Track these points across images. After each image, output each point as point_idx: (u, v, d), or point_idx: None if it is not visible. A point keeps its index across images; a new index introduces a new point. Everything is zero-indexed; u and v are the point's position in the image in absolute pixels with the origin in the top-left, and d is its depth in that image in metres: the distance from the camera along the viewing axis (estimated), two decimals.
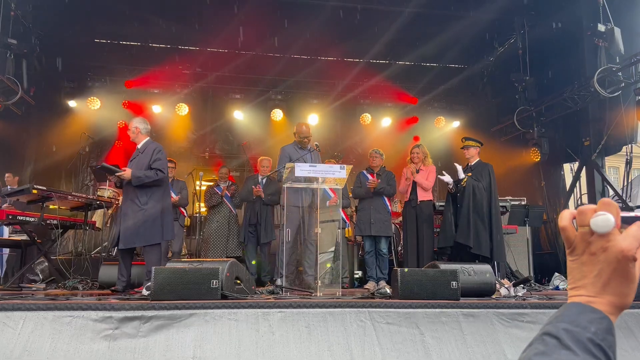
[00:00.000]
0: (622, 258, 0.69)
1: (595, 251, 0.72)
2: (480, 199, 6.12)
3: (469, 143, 6.54)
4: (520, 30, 9.31)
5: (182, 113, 10.71)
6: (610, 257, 0.70)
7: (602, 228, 0.70)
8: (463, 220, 6.06)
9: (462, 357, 3.35)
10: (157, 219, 5.14)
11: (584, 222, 0.72)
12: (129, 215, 5.13)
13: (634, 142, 7.55)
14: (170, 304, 3.28)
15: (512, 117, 9.40)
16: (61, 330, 3.12)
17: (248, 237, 7.22)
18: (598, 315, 0.69)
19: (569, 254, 0.75)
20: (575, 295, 0.73)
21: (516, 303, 3.77)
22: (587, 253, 0.73)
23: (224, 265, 3.84)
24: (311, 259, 5.68)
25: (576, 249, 0.74)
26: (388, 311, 3.48)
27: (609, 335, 0.68)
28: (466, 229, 6.00)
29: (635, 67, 7.24)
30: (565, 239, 0.75)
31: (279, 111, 11.09)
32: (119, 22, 9.28)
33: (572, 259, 0.75)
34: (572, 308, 0.72)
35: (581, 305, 0.71)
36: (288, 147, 6.15)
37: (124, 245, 5.06)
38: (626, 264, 0.70)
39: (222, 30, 8.98)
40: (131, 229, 5.06)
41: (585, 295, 0.72)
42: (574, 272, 0.74)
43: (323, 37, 9.36)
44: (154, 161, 5.19)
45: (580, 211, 0.73)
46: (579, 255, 0.74)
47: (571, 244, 0.75)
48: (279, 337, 3.25)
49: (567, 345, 0.66)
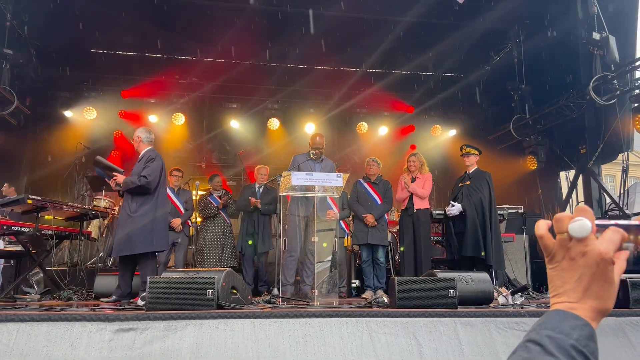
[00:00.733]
0: (600, 261, 0.71)
1: (574, 256, 0.73)
2: (482, 210, 6.23)
3: (470, 150, 6.58)
4: (515, 39, 9.35)
5: (179, 123, 10.71)
6: (589, 261, 0.72)
7: (580, 233, 0.71)
8: (473, 234, 6.13)
9: None
10: (146, 227, 5.09)
11: (561, 229, 0.74)
12: (121, 223, 5.15)
13: (630, 150, 7.57)
14: (165, 314, 3.24)
15: (509, 125, 9.42)
16: (55, 341, 3.08)
17: (246, 247, 7.18)
18: (580, 322, 0.71)
19: (549, 261, 0.77)
20: (558, 302, 0.75)
21: (514, 311, 3.74)
22: (566, 259, 0.74)
23: (219, 274, 3.81)
24: (308, 268, 5.66)
25: (555, 255, 0.76)
26: (385, 320, 3.45)
27: (591, 342, 0.70)
28: (475, 240, 6.09)
29: (631, 75, 7.27)
30: (544, 247, 0.77)
31: (275, 120, 11.09)
32: (115, 32, 9.28)
33: (551, 266, 0.76)
34: (554, 315, 0.73)
35: (563, 312, 0.73)
36: (299, 156, 6.13)
37: (115, 253, 5.08)
38: (605, 268, 0.71)
39: (218, 39, 9.01)
40: (122, 238, 5.04)
41: (567, 301, 0.73)
42: (555, 279, 0.76)
43: (319, 47, 9.38)
44: (144, 168, 5.19)
45: (557, 218, 0.75)
46: (559, 262, 0.75)
47: (550, 251, 0.76)
48: (276, 347, 3.21)
49: (551, 351, 0.67)
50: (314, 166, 5.96)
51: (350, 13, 8.44)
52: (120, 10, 8.37)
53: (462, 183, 6.56)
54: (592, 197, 8.09)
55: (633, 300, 4.03)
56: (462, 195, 6.40)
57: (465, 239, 6.16)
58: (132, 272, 5.29)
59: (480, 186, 6.34)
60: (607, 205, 8.02)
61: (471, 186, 6.41)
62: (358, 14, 8.50)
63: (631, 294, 4.04)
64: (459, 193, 6.47)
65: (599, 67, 7.47)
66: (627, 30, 7.49)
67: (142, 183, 5.10)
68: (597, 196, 8.10)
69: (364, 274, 6.72)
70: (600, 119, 7.98)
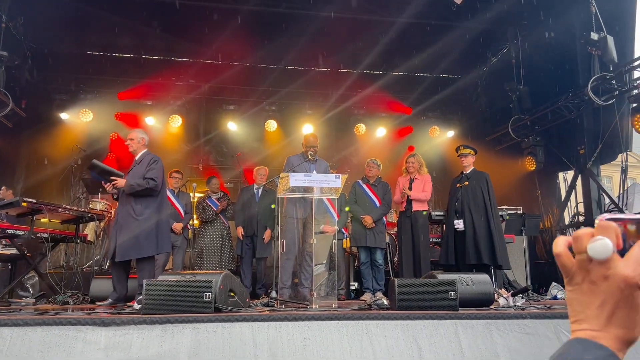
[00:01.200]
0: (625, 287, 0.63)
1: (595, 279, 0.65)
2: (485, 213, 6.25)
3: (467, 151, 6.56)
4: (513, 40, 9.33)
5: (176, 125, 10.65)
6: (612, 286, 0.64)
7: (601, 254, 0.63)
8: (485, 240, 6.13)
9: None
10: (152, 230, 5.08)
11: (580, 249, 0.66)
12: (125, 226, 5.07)
13: (629, 150, 7.54)
14: (162, 318, 3.19)
15: (507, 126, 9.39)
16: (50, 346, 3.02)
17: (244, 250, 7.13)
18: (604, 352, 0.63)
19: (567, 283, 0.68)
20: (579, 329, 0.67)
21: (516, 313, 3.70)
22: (587, 282, 0.66)
23: (217, 277, 3.76)
24: (307, 270, 5.60)
25: (574, 277, 0.67)
26: (385, 323, 3.40)
27: None
28: (489, 248, 6.08)
29: (629, 75, 7.25)
30: (562, 266, 0.69)
31: (273, 122, 11.04)
32: (111, 33, 9.24)
33: (571, 288, 0.68)
34: (576, 345, 0.65)
35: (586, 341, 0.65)
36: (293, 157, 6.07)
37: (120, 257, 4.98)
38: (630, 293, 0.63)
39: (215, 41, 8.97)
40: (128, 241, 4.99)
41: (589, 329, 0.65)
42: (575, 303, 0.68)
43: (316, 48, 9.35)
44: (148, 170, 5.15)
45: (575, 237, 0.67)
46: (579, 284, 0.67)
47: (568, 272, 0.68)
48: (274, 352, 3.16)
49: None
50: (308, 167, 5.90)
51: (346, 14, 8.41)
52: (116, 12, 8.32)
53: (459, 184, 6.52)
54: (591, 197, 8.06)
55: None
56: (462, 197, 6.37)
57: (476, 245, 6.09)
58: (127, 275, 5.24)
59: (480, 187, 6.33)
60: (606, 206, 7.99)
61: (470, 187, 6.38)
62: (354, 14, 8.46)
63: None
64: (458, 194, 6.43)
65: (597, 67, 7.45)
66: (626, 30, 7.47)
67: (150, 185, 5.09)
68: (596, 197, 8.07)
69: (363, 276, 6.68)
70: (599, 119, 7.96)
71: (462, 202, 6.33)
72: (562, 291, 6.56)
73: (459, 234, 6.28)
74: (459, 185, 6.52)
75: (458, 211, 6.35)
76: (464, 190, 6.40)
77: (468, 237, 6.14)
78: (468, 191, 6.36)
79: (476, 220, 6.18)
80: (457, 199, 6.40)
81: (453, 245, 6.32)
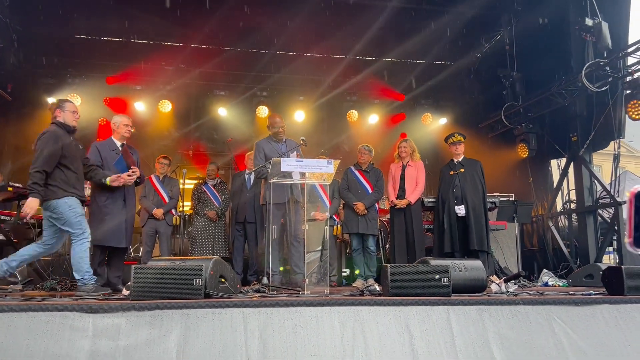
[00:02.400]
0: None
1: None
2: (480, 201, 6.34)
3: (461, 138, 6.62)
4: (507, 26, 9.28)
5: (165, 110, 10.52)
6: None
7: None
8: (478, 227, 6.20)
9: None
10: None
11: None
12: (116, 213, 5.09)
13: (621, 137, 7.53)
14: (151, 304, 3.13)
15: (500, 113, 9.37)
16: (37, 333, 2.95)
17: (235, 236, 7.06)
18: None
19: None
20: None
21: (509, 299, 3.68)
22: None
23: (207, 263, 3.69)
24: (298, 257, 5.55)
25: None
26: (377, 309, 3.36)
27: None
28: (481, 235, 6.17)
29: (623, 61, 7.22)
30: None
31: (264, 108, 10.95)
32: (100, 17, 9.07)
33: None
34: None
35: None
36: (262, 141, 5.95)
37: (128, 243, 5.31)
38: None
39: (205, 25, 8.83)
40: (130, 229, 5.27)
41: None
42: None
43: (308, 33, 9.24)
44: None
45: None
46: None
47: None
48: (265, 339, 3.12)
49: None
50: (279, 148, 5.82)
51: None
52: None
53: (454, 171, 6.50)
54: (583, 184, 8.06)
55: (628, 287, 3.98)
56: (460, 183, 6.36)
57: (471, 232, 6.17)
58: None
59: (476, 174, 6.38)
60: (598, 193, 7.99)
61: (466, 174, 6.39)
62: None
63: (626, 281, 4.00)
64: (455, 181, 6.41)
65: (592, 53, 7.42)
66: (620, 15, 7.41)
67: None
68: (588, 184, 8.07)
69: (355, 263, 6.65)
70: (592, 106, 7.95)
71: (462, 189, 6.33)
72: (553, 278, 6.58)
73: (460, 220, 6.31)
74: (452, 173, 6.49)
75: (458, 197, 6.35)
76: (461, 176, 6.40)
77: (471, 223, 6.19)
78: (466, 177, 6.38)
79: (477, 207, 6.25)
80: (456, 186, 6.39)
81: (449, 232, 6.32)
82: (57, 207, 4.40)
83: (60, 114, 4.71)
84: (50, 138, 4.48)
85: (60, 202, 4.41)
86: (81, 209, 4.56)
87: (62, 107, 4.72)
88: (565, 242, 8.58)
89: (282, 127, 5.91)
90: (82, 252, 4.44)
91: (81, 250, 4.44)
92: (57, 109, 4.73)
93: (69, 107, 4.75)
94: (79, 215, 4.48)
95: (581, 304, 3.62)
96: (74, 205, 4.47)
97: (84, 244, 4.47)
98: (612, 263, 8.00)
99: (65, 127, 4.68)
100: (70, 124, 4.72)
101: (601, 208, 7.94)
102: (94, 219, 5.03)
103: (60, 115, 4.70)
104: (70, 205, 4.43)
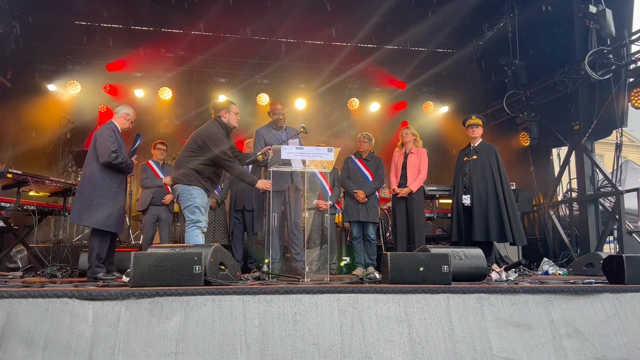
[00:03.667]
0: None
1: None
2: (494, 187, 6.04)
3: (479, 121, 6.30)
4: (509, 13, 9.19)
5: (166, 97, 10.49)
6: None
7: None
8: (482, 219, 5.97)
9: (448, 352, 3.25)
10: None
11: None
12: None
13: (624, 126, 7.48)
14: (151, 291, 3.13)
15: (502, 101, 9.32)
16: (37, 320, 2.95)
17: (234, 224, 7.05)
18: None
19: None
20: None
21: (509, 287, 3.67)
22: None
23: (207, 250, 3.69)
24: (299, 244, 5.55)
25: None
26: (377, 297, 3.36)
27: None
28: (500, 225, 5.90)
29: (627, 49, 7.15)
30: None
31: (265, 95, 10.90)
32: (100, 3, 9.01)
33: None
34: None
35: None
36: (262, 129, 5.98)
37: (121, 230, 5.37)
38: None
39: (206, 12, 8.76)
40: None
41: None
42: None
43: (310, 20, 9.16)
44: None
45: None
46: None
47: None
48: (264, 327, 3.12)
49: None
50: (279, 136, 5.82)
51: None
52: None
53: (467, 157, 6.28)
54: (585, 173, 8.02)
55: (628, 276, 3.97)
56: (469, 171, 6.14)
57: (484, 222, 5.90)
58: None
59: (490, 161, 6.09)
60: (600, 182, 7.96)
61: (479, 161, 6.13)
62: None
63: (626, 270, 3.99)
64: (466, 168, 6.20)
65: (595, 41, 7.36)
66: (624, 2, 7.33)
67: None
68: (590, 173, 8.04)
69: (355, 251, 6.65)
70: (595, 94, 7.88)
71: (470, 177, 6.10)
72: (553, 267, 6.57)
73: (467, 210, 6.10)
74: (466, 159, 6.28)
75: (466, 186, 6.14)
76: (472, 164, 6.16)
77: (475, 213, 5.95)
78: (477, 165, 6.12)
79: (484, 196, 5.97)
80: (465, 174, 6.18)
81: (456, 222, 6.18)
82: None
83: (226, 115, 5.08)
84: (220, 139, 4.95)
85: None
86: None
87: (228, 109, 5.12)
88: (566, 231, 8.57)
89: (283, 115, 5.93)
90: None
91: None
92: (223, 110, 5.09)
93: (234, 109, 5.18)
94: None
95: (581, 292, 3.61)
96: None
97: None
98: (613, 252, 7.98)
99: (227, 127, 5.11)
100: (233, 126, 5.18)
101: (602, 197, 7.91)
102: (105, 206, 5.04)
103: (226, 116, 5.07)
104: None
